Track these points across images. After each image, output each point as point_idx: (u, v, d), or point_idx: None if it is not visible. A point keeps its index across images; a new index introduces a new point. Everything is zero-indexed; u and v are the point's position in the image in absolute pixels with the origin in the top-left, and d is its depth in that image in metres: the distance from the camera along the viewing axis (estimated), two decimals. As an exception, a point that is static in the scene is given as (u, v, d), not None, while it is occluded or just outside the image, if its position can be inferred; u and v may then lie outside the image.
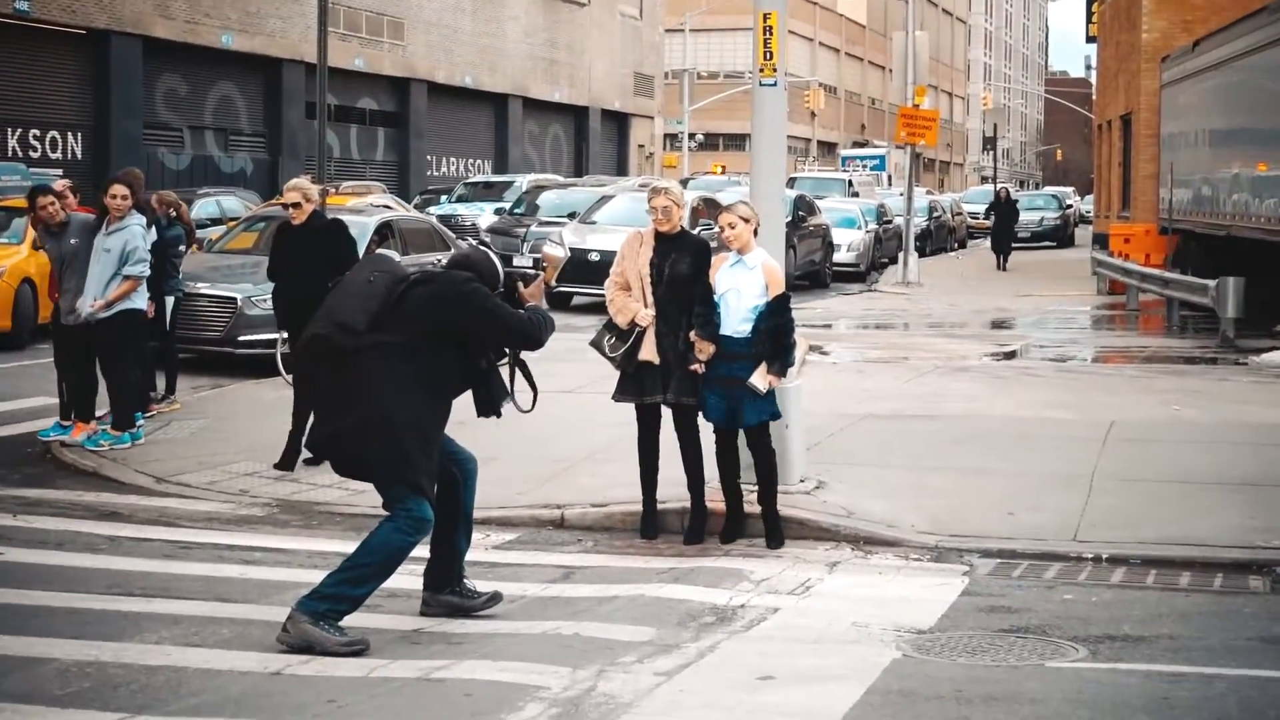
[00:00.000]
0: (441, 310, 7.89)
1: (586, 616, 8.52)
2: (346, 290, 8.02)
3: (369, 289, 7.94)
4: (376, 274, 8.04)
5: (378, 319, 7.85)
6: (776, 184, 12.00)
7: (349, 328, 7.83)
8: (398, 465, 7.81)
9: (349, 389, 7.83)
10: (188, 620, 8.31)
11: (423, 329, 7.86)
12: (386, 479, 7.90)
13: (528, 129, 60.87)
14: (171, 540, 10.48)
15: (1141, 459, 12.98)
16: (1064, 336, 25.81)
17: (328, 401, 8.00)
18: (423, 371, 7.86)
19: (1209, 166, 28.78)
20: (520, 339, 8.19)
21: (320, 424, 8.12)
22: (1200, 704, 7.09)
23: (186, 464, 12.85)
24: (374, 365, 7.80)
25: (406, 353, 7.84)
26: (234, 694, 7.07)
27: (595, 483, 11.94)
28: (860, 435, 14.06)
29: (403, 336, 7.85)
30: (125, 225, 13.42)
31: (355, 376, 7.82)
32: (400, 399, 7.78)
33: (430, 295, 7.95)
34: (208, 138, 42.89)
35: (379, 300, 7.89)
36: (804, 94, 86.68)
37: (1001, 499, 11.49)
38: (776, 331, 10.20)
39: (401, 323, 7.86)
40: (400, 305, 7.90)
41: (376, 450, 7.82)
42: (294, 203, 12.79)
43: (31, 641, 7.80)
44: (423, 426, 7.89)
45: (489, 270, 8.19)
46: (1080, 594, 9.27)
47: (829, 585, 9.45)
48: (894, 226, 44.01)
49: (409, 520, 7.85)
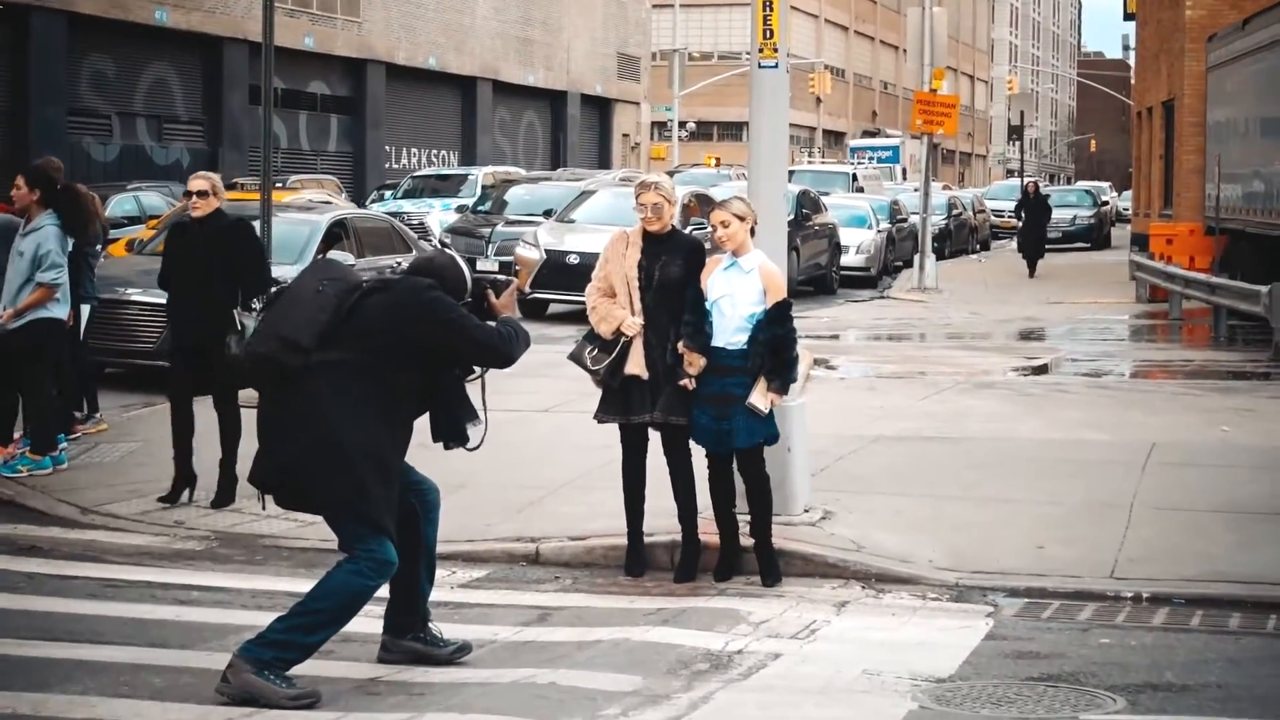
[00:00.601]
0: (399, 322, 7.83)
1: (564, 663, 8.51)
2: (291, 301, 7.93)
3: (317, 299, 7.85)
4: (326, 282, 7.94)
5: (327, 334, 7.78)
6: (777, 178, 12.00)
7: (295, 345, 7.75)
8: (355, 501, 7.75)
9: (296, 415, 7.76)
10: (116, 668, 8.28)
11: (378, 344, 7.80)
12: (343, 516, 7.84)
13: (499, 116, 60.94)
14: (98, 578, 10.45)
15: (1186, 486, 12.98)
16: (1099, 349, 25.83)
17: (272, 428, 7.90)
18: (379, 393, 7.80)
19: (1262, 159, 28.81)
20: (489, 355, 8.09)
21: (265, 454, 7.97)
22: (1252, 761, 7.11)
23: (115, 492, 12.82)
24: (324, 387, 7.73)
25: (360, 372, 7.77)
26: (168, 751, 7.08)
27: (575, 512, 11.93)
28: (871, 459, 14.06)
29: (355, 353, 7.78)
30: (39, 226, 13.37)
31: (303, 400, 7.75)
32: (355, 425, 7.71)
33: (387, 305, 7.89)
34: (139, 126, 42.89)
35: (329, 312, 7.81)
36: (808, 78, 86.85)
37: (1030, 531, 11.49)
38: (776, 343, 10.19)
39: (354, 337, 7.80)
40: (352, 318, 7.84)
41: (330, 485, 7.76)
42: (200, 190, 12.54)
43: (-60, 692, 7.79)
44: (381, 455, 7.83)
45: (455, 276, 8.12)
46: (1118, 637, 9.27)
47: (836, 628, 9.44)
48: (909, 226, 44.01)
49: (370, 562, 7.78)
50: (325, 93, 50.96)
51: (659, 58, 79.80)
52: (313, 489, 7.87)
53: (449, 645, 8.47)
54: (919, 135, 41.10)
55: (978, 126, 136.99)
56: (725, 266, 10.35)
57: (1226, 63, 31.80)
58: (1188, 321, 29.47)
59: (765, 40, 11.82)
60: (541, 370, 15.83)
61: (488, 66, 58.84)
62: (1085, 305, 33.57)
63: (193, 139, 44.65)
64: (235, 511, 12.16)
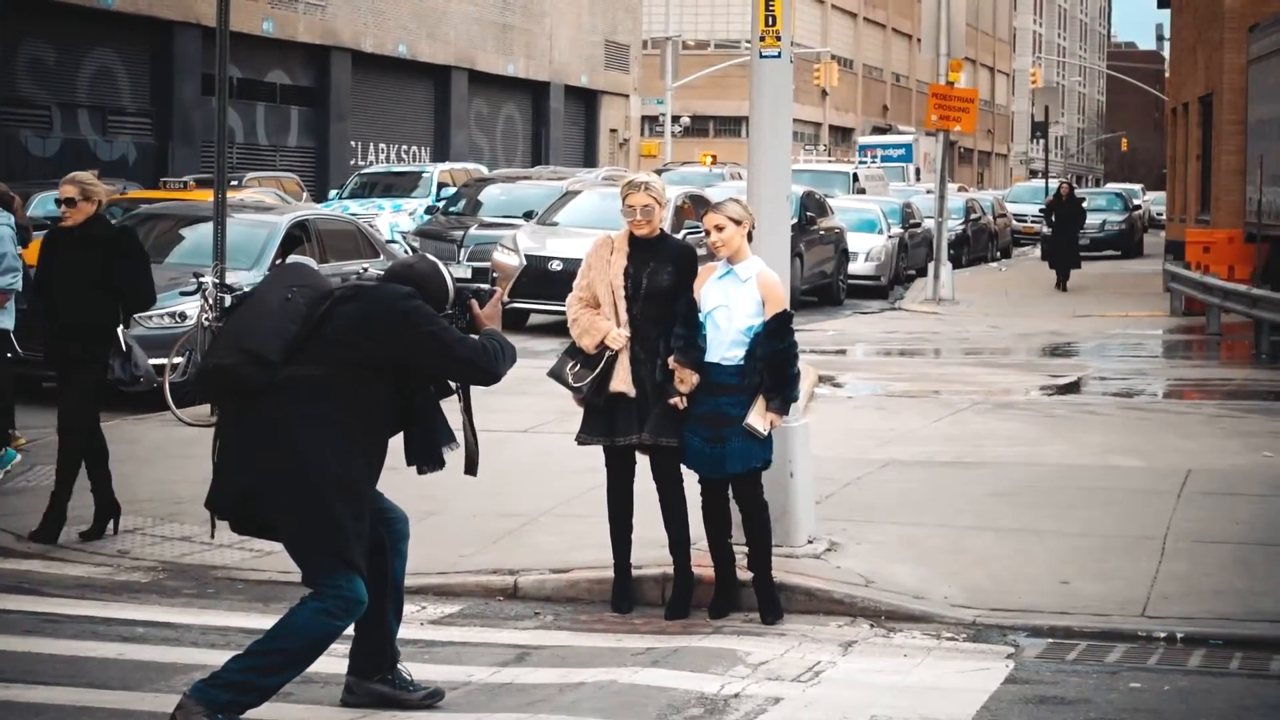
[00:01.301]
0: (374, 333, 7.78)
1: (545, 708, 8.51)
2: (257, 309, 7.88)
3: (286, 309, 7.79)
4: (295, 289, 7.88)
5: (296, 346, 7.74)
6: (780, 178, 12.00)
7: (260, 358, 7.69)
8: (324, 535, 7.69)
9: (259, 435, 7.70)
10: (54, 710, 8.28)
11: (350, 358, 7.75)
12: (310, 551, 7.79)
13: (475, 109, 61.01)
14: (34, 612, 10.44)
15: (1225, 517, 13.00)
16: (1130, 366, 25.88)
17: (233, 450, 7.85)
18: (351, 412, 7.75)
19: (1307, 160, 28.92)
20: (472, 372, 8.03)
21: (224, 480, 7.90)
22: (1297, 817, 7.12)
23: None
24: (290, 405, 7.69)
25: (330, 388, 7.73)
26: (110, 802, 7.08)
27: (556, 543, 11.93)
28: (882, 486, 14.07)
29: (326, 368, 7.74)
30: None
31: (267, 420, 7.70)
32: (323, 449, 7.66)
33: (361, 315, 7.84)
34: (81, 118, 42.88)
35: (298, 323, 7.77)
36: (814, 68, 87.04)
37: (1054, 565, 11.51)
38: (776, 359, 10.17)
39: (324, 350, 7.76)
40: (323, 328, 7.79)
41: (296, 516, 7.71)
42: (67, 198, 12.19)
43: None
44: (352, 483, 7.77)
45: (437, 285, 8.08)
46: (1150, 682, 9.28)
47: (843, 670, 9.45)
48: (923, 231, 44.13)
49: (338, 600, 7.72)
50: (285, 83, 50.99)
51: (650, 46, 79.94)
52: (276, 520, 7.84)
53: (420, 690, 8.42)
54: (934, 132, 41.22)
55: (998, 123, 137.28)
56: (720, 275, 10.34)
57: (1270, 54, 31.88)
58: (1227, 337, 29.53)
59: (767, 28, 11.85)
60: (521, 387, 15.79)
61: (463, 55, 58.91)
62: (1115, 318, 33.65)
63: (140, 132, 44.64)
64: (185, 540, 12.16)
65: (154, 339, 16.94)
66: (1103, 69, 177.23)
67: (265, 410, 7.70)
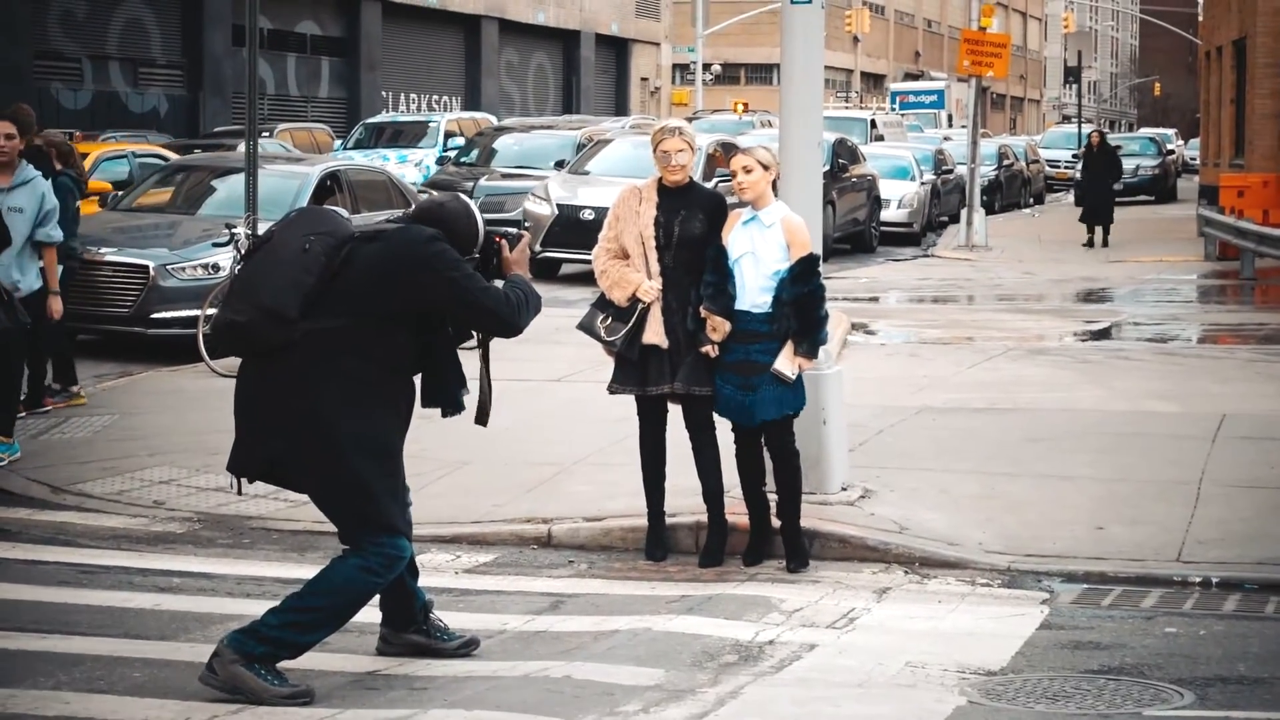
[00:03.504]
0: (395, 278, 7.56)
1: (580, 655, 8.53)
2: (273, 259, 7.59)
3: (303, 259, 7.52)
4: (313, 237, 7.61)
5: (313, 298, 7.51)
6: (812, 125, 11.95)
7: (277, 314, 7.45)
8: (356, 501, 7.59)
9: (282, 397, 7.53)
10: (91, 661, 8.31)
11: (369, 308, 7.54)
12: (344, 516, 7.70)
13: (505, 58, 60.91)
14: (71, 563, 10.49)
15: (1260, 462, 12.97)
16: (1164, 312, 25.82)
17: (256, 411, 7.66)
18: (376, 364, 7.59)
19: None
20: (493, 322, 7.82)
21: (249, 442, 7.72)
22: (1333, 761, 7.12)
23: (88, 470, 12.86)
24: (312, 362, 7.50)
25: (354, 340, 7.53)
26: (148, 751, 7.12)
27: (590, 491, 11.94)
28: (915, 433, 14.06)
29: (347, 318, 7.52)
30: (30, 179, 13.40)
31: (289, 379, 7.52)
32: (351, 410, 7.51)
33: (381, 256, 7.60)
34: (112, 70, 42.93)
35: (315, 274, 7.51)
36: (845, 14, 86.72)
37: (1089, 511, 11.50)
38: (802, 302, 10.12)
39: (345, 299, 7.54)
40: (343, 274, 7.57)
41: (327, 485, 7.63)
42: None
43: (-100, 687, 7.83)
44: (382, 442, 7.65)
45: (465, 226, 7.84)
46: (1185, 626, 9.27)
47: (877, 616, 9.46)
48: (955, 178, 44.00)
49: (380, 558, 7.62)
50: (316, 33, 50.97)
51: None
52: (305, 488, 7.77)
53: (455, 638, 8.41)
54: (966, 78, 41.10)
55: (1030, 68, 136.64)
56: (745, 221, 10.28)
57: (1305, -3, 31.68)
58: (1261, 281, 29.44)
59: (798, -27, 11.79)
60: (554, 336, 15.84)
61: (493, 4, 58.80)
62: (1149, 264, 33.55)
63: (171, 84, 44.68)
64: (219, 491, 12.13)
65: (187, 290, 16.99)
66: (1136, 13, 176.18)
67: (285, 368, 7.49)
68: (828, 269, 10.53)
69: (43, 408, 14.57)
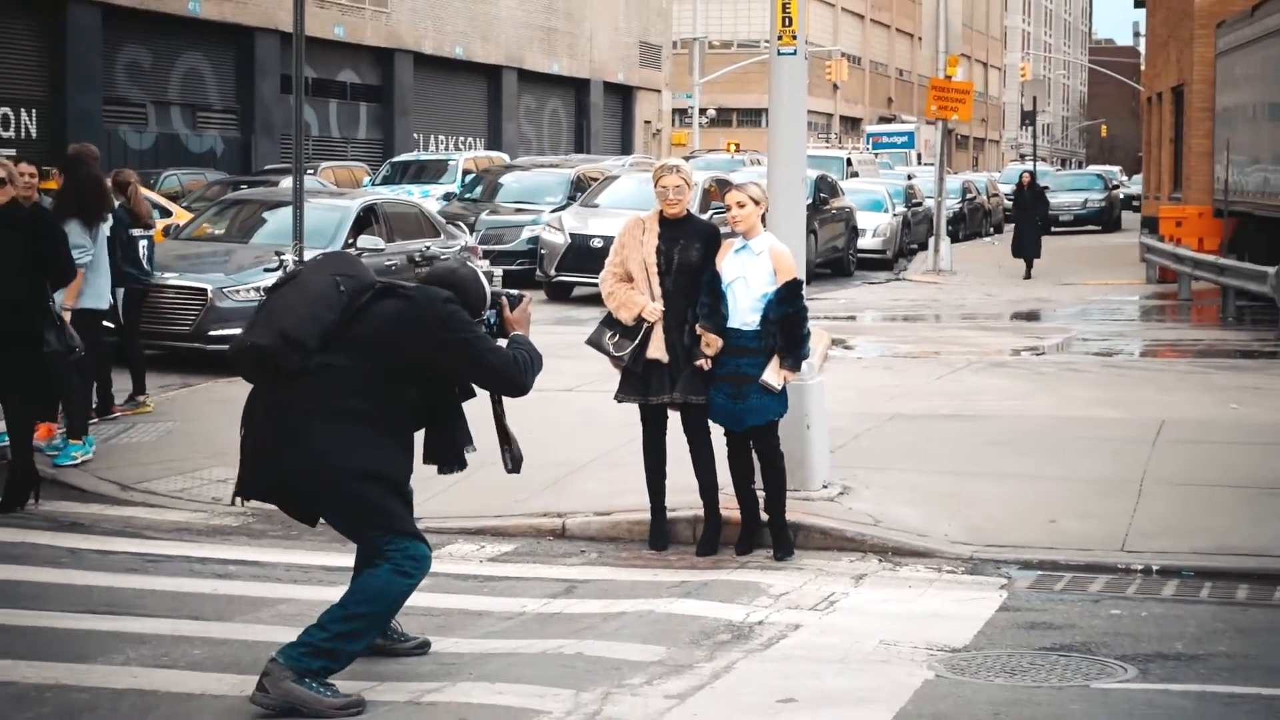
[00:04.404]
0: (412, 332, 7.24)
1: (591, 634, 8.55)
2: (300, 293, 7.29)
3: (329, 297, 7.25)
4: (343, 279, 7.34)
5: (331, 335, 7.22)
6: (796, 163, 11.99)
7: (298, 343, 7.14)
8: (372, 518, 7.31)
9: (292, 427, 7.18)
10: (156, 639, 8.33)
11: (383, 355, 7.22)
12: (360, 533, 7.43)
13: (524, 104, 60.90)
14: (138, 553, 10.52)
15: (1196, 462, 12.98)
16: (1110, 329, 25.80)
17: (263, 439, 7.29)
18: (378, 408, 7.23)
19: (1270, 143, 28.70)
20: (501, 382, 7.51)
21: (257, 468, 7.35)
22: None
23: (153, 470, 12.88)
24: (322, 395, 7.17)
25: (360, 382, 7.19)
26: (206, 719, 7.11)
27: (599, 489, 11.96)
28: (888, 437, 14.07)
29: (358, 361, 7.21)
30: None
31: (301, 409, 7.17)
32: (356, 443, 7.18)
33: (400, 314, 7.27)
34: (174, 114, 42.93)
35: (337, 312, 7.24)
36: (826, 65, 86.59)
37: (1043, 506, 11.50)
38: (787, 322, 10.17)
39: (359, 343, 7.22)
40: (360, 321, 7.26)
41: (340, 510, 7.33)
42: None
43: (-13, 663, 7.84)
44: (387, 472, 7.33)
45: (476, 291, 7.54)
46: (1129, 609, 9.28)
47: (855, 600, 9.47)
48: (924, 210, 43.93)
49: (406, 560, 7.32)
50: (355, 81, 50.96)
51: (680, 46, 79.71)
52: (321, 512, 7.50)
53: (409, 640, 8.09)
54: (934, 121, 40.97)
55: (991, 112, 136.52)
56: (737, 250, 10.33)
57: (1236, 49, 31.68)
58: (1197, 302, 29.41)
59: (784, 28, 11.82)
60: (565, 351, 15.80)
61: (513, 55, 58.79)
62: (1096, 286, 33.53)
63: (226, 127, 44.68)
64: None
65: (242, 310, 16.97)
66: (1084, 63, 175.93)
67: (296, 397, 7.17)
68: (810, 291, 10.54)
69: (112, 415, 14.59)
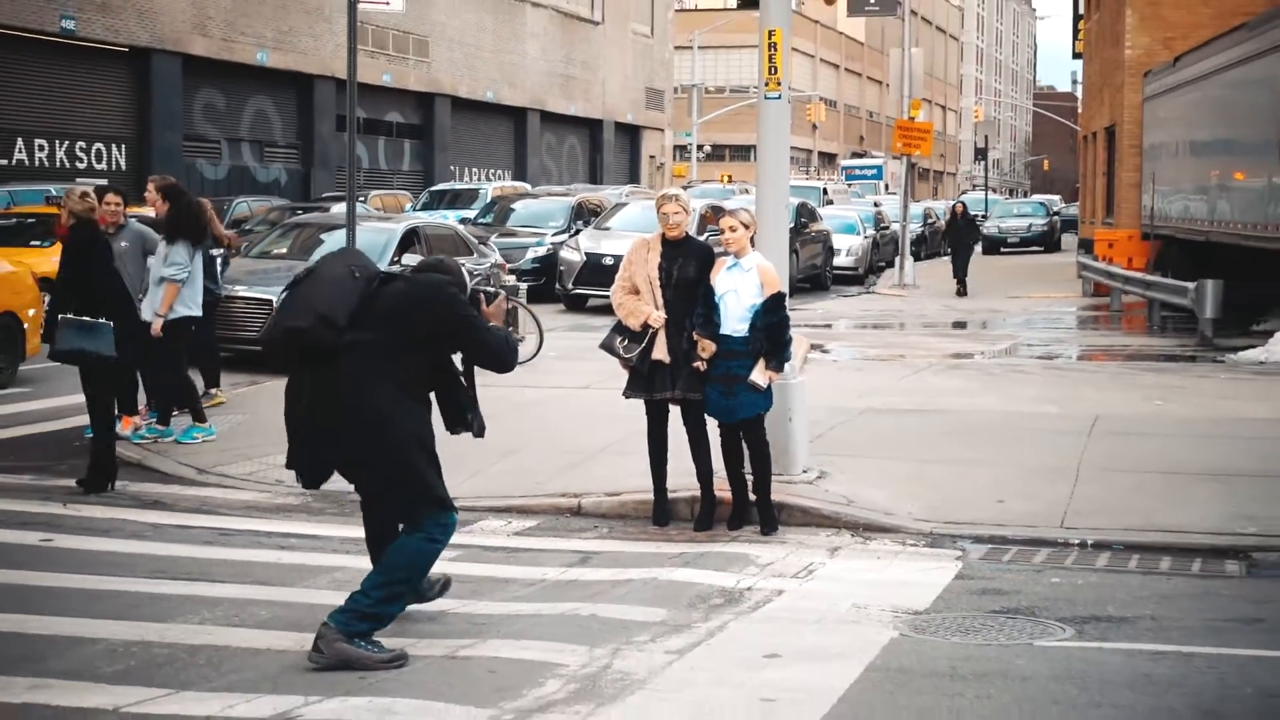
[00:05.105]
0: (424, 310, 7.26)
1: (602, 598, 8.54)
2: (326, 282, 7.27)
3: (350, 283, 7.24)
4: (357, 269, 7.35)
5: (355, 315, 7.18)
6: (781, 192, 11.99)
7: (331, 322, 7.12)
8: (415, 489, 7.27)
9: (339, 400, 7.14)
10: (227, 602, 8.35)
11: (399, 328, 7.20)
12: (405, 503, 7.37)
13: (545, 141, 60.86)
14: (212, 527, 10.53)
15: (1125, 451, 12.97)
16: (1051, 336, 25.78)
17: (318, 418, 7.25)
18: (406, 375, 7.23)
19: (1189, 176, 28.73)
20: (492, 358, 7.45)
21: (313, 450, 7.37)
22: (1179, 680, 7.11)
23: (226, 456, 12.88)
24: (361, 370, 7.13)
25: (384, 351, 7.17)
26: (272, 672, 7.11)
27: (610, 473, 11.95)
28: (860, 429, 14.06)
29: (379, 334, 7.17)
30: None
31: (345, 385, 7.13)
32: (397, 411, 7.14)
33: (411, 294, 7.30)
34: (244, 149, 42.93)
35: (358, 294, 7.22)
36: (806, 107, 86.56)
37: (993, 488, 11.50)
38: (772, 330, 10.17)
39: (378, 320, 7.19)
40: (375, 303, 7.24)
41: (390, 480, 7.29)
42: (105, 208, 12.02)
43: (81, 622, 7.85)
44: (422, 433, 7.27)
45: (460, 280, 7.53)
46: (1067, 577, 9.27)
47: (830, 569, 9.46)
48: (890, 232, 43.96)
49: (437, 527, 7.32)
50: (400, 121, 50.93)
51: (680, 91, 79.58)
52: (373, 487, 7.48)
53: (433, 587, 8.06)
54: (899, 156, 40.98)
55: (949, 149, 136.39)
56: (729, 267, 10.33)
57: (1160, 94, 31.69)
58: (1126, 313, 29.40)
59: (770, 75, 11.81)
60: (579, 355, 15.87)
61: (536, 99, 58.76)
62: (1039, 299, 33.51)
63: (289, 160, 44.67)
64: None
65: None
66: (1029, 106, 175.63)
67: (338, 374, 7.14)
68: (792, 303, 10.53)
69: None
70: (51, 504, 11.12)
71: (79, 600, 8.32)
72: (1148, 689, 6.97)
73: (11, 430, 14.26)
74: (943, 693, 6.88)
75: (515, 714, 6.52)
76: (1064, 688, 6.96)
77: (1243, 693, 6.97)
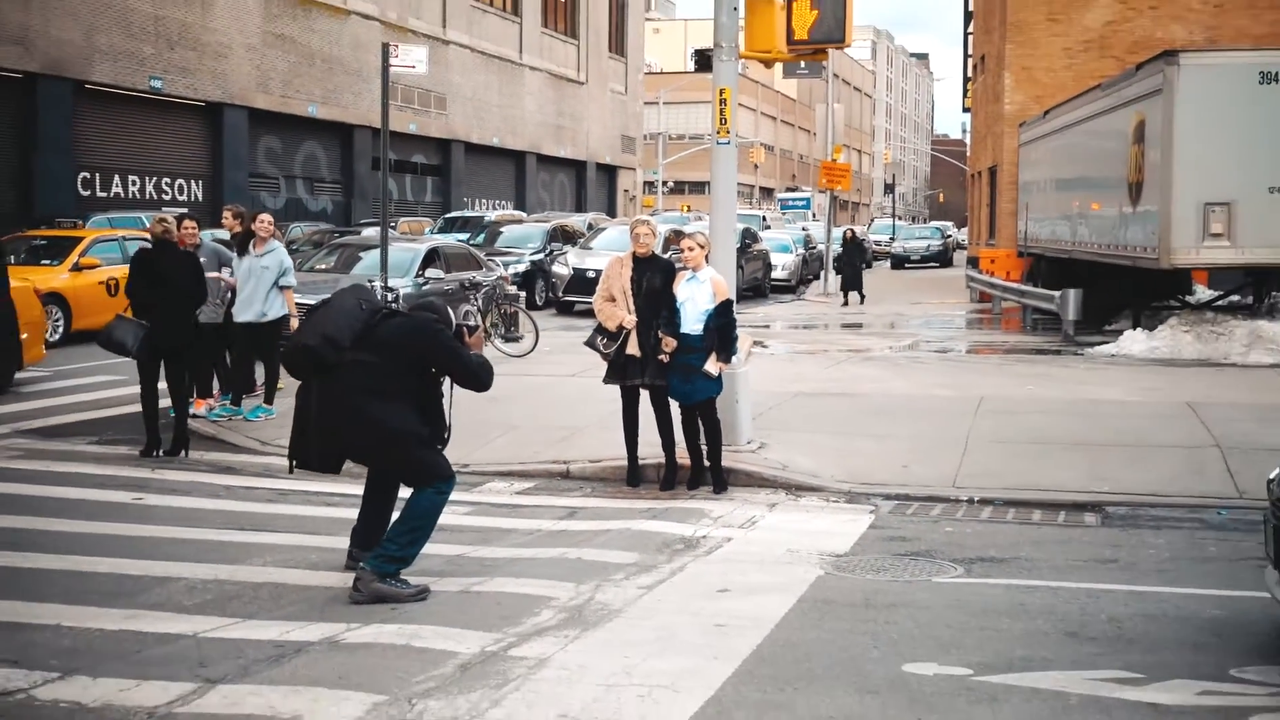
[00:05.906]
0: (416, 341, 7.17)
1: (587, 545, 8.54)
2: (336, 310, 7.24)
3: (356, 312, 7.18)
4: (364, 302, 7.29)
5: (358, 339, 7.13)
6: (730, 219, 12.00)
7: (336, 342, 7.08)
8: (419, 472, 7.18)
9: (341, 407, 7.11)
10: (285, 549, 8.33)
11: (395, 353, 7.11)
12: (414, 480, 7.22)
13: (540, 178, 60.72)
14: (272, 489, 10.49)
15: (1004, 425, 13.00)
16: (945, 334, 25.83)
17: (325, 418, 7.18)
18: (398, 385, 7.12)
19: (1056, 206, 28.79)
20: (472, 380, 7.29)
21: (324, 444, 7.30)
22: (1048, 608, 7.15)
23: (284, 432, 12.61)
24: (360, 380, 7.06)
25: (384, 371, 7.09)
26: (320, 603, 7.10)
27: (593, 444, 11.93)
28: (793, 409, 14.07)
29: (377, 358, 7.09)
30: (274, 248, 13.42)
31: (346, 392, 7.08)
32: (389, 414, 7.06)
33: (406, 327, 7.21)
34: (298, 184, 42.73)
35: (361, 324, 7.15)
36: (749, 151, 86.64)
37: (899, 456, 11.52)
38: (723, 329, 10.20)
39: (378, 345, 7.12)
40: (376, 331, 7.16)
41: (390, 464, 7.24)
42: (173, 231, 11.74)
43: (166, 564, 7.82)
44: (416, 429, 7.16)
45: (446, 318, 7.42)
46: (958, 527, 9.31)
47: (769, 521, 9.47)
48: (817, 251, 44.01)
49: (440, 483, 7.23)
50: (424, 162, 50.73)
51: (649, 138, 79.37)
52: (378, 468, 7.45)
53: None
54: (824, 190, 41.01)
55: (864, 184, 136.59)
56: (688, 279, 10.34)
57: (1032, 140, 31.75)
58: (1005, 316, 29.45)
59: (721, 125, 11.81)
60: (568, 349, 15.83)
61: (533, 144, 58.61)
62: (936, 305, 33.55)
63: (334, 193, 44.47)
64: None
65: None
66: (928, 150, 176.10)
67: (341, 385, 7.10)
68: (738, 308, 10.55)
69: (254, 392, 14.51)
70: (142, 469, 11.06)
71: (165, 547, 8.29)
72: (1022, 615, 7.00)
73: (107, 411, 14.17)
74: (859, 619, 6.90)
75: (517, 637, 6.51)
76: (955, 614, 6.98)
77: (1098, 618, 7.01)
